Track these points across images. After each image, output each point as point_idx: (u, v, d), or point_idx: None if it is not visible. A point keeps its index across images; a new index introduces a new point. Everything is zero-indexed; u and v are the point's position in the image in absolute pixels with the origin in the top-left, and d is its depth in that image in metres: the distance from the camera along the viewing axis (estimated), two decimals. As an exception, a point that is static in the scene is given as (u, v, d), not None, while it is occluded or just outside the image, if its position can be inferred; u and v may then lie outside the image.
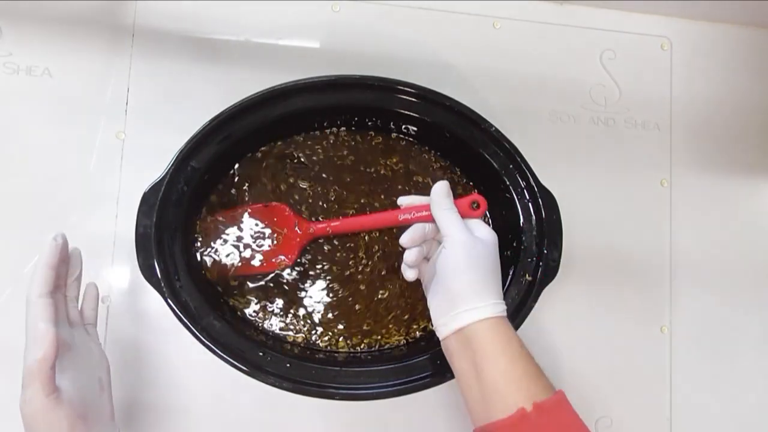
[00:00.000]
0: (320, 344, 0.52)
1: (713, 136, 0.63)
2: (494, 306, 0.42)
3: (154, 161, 0.54)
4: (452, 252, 0.43)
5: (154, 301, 0.52)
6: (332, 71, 0.52)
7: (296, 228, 0.51)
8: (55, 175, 0.53)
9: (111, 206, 0.53)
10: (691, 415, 0.59)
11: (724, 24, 0.65)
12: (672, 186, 0.62)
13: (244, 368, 0.45)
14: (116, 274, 0.53)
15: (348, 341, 0.52)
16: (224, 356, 0.45)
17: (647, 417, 0.59)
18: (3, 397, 0.50)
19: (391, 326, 0.53)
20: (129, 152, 0.54)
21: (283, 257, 0.51)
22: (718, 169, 0.63)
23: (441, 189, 0.46)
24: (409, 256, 0.46)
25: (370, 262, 0.53)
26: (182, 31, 0.56)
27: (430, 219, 0.46)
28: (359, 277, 0.53)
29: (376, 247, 0.54)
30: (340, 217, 0.51)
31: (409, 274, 0.47)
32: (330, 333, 0.52)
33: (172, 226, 0.48)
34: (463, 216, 0.46)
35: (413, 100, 0.52)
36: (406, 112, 0.52)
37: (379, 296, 0.53)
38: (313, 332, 0.52)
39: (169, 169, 0.47)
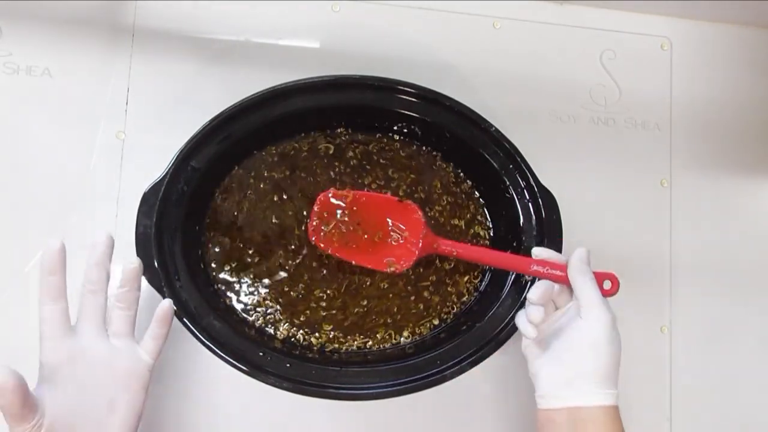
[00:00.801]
0: (320, 344, 0.51)
1: (713, 136, 0.63)
2: (615, 394, 0.42)
3: (154, 161, 0.54)
4: (594, 327, 0.42)
5: (154, 301, 0.52)
6: (332, 71, 0.52)
7: (421, 236, 0.50)
8: (55, 175, 0.53)
9: (111, 206, 0.53)
10: (691, 415, 0.59)
11: (724, 24, 0.65)
12: (672, 186, 0.62)
13: (244, 368, 0.45)
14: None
15: (348, 341, 0.52)
16: (224, 356, 0.45)
17: (647, 417, 0.59)
18: (3, 397, 0.50)
19: (390, 326, 0.53)
20: (129, 152, 0.54)
21: (392, 259, 0.50)
22: (718, 169, 0.63)
23: (583, 255, 0.45)
24: (536, 315, 0.44)
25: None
26: (182, 31, 0.56)
27: (562, 280, 0.46)
28: (360, 276, 0.53)
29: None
30: (470, 244, 0.51)
31: (530, 332, 0.45)
32: (331, 333, 0.52)
33: (172, 226, 0.48)
34: None
35: (413, 100, 0.52)
36: (407, 112, 0.52)
37: (380, 296, 0.53)
38: (313, 332, 0.52)
39: (169, 169, 0.47)
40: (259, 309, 0.51)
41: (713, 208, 0.62)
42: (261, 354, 0.46)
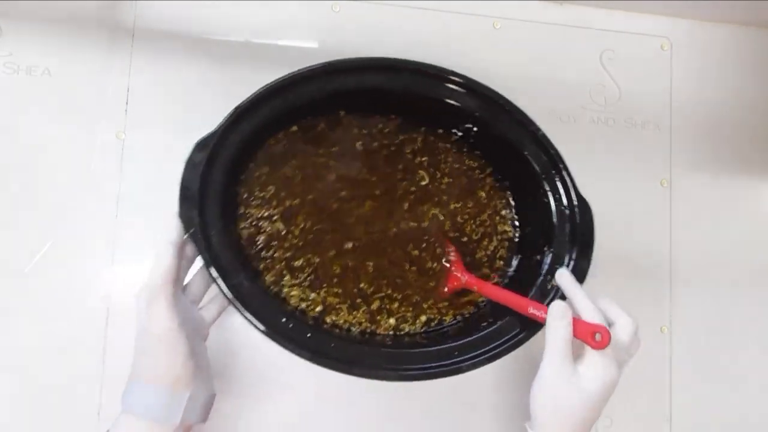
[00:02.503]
0: (341, 322, 0.51)
1: (713, 136, 0.63)
2: None
3: (154, 161, 0.54)
4: (536, 384, 0.42)
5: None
6: (332, 71, 0.52)
7: (457, 270, 0.52)
8: (55, 175, 0.53)
9: (111, 206, 0.53)
10: (691, 415, 0.59)
11: (724, 24, 0.65)
12: (672, 186, 0.62)
13: (264, 329, 0.44)
14: (116, 274, 0.53)
15: (376, 322, 0.51)
16: (248, 317, 0.44)
17: (647, 417, 0.59)
18: (4, 396, 0.50)
19: (412, 310, 0.52)
20: (129, 152, 0.54)
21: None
22: (718, 169, 0.63)
23: (556, 310, 0.43)
24: None
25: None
26: (182, 31, 0.56)
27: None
28: (393, 258, 0.52)
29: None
30: (481, 280, 0.51)
31: None
32: (355, 311, 0.51)
33: (216, 181, 0.47)
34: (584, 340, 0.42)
35: (462, 91, 0.51)
36: (454, 103, 0.52)
37: (409, 282, 0.52)
38: (335, 309, 0.51)
39: (223, 126, 0.46)
40: (286, 278, 0.50)
41: (713, 208, 0.62)
42: (284, 320, 0.45)
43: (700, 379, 0.60)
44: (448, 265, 0.52)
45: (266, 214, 0.51)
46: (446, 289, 0.51)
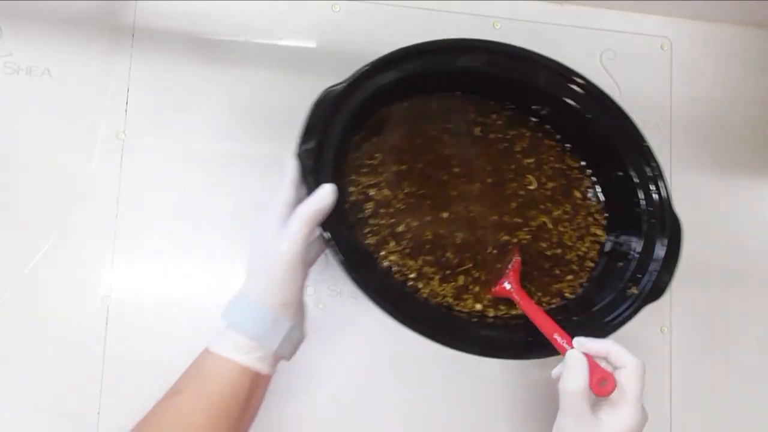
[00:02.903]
0: (428, 291, 0.50)
1: (713, 136, 0.63)
2: None
3: (154, 161, 0.54)
4: None
5: (155, 301, 0.53)
6: (332, 71, 0.52)
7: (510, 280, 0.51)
8: (55, 175, 0.53)
9: (111, 206, 0.53)
10: (691, 415, 0.59)
11: (724, 24, 0.65)
12: (672, 186, 0.62)
13: (357, 278, 0.43)
14: (116, 274, 0.53)
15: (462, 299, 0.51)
16: (337, 251, 0.43)
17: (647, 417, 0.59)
18: (4, 396, 0.50)
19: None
20: (129, 152, 0.54)
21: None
22: (718, 168, 0.63)
23: (573, 360, 0.42)
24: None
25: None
26: (182, 31, 0.56)
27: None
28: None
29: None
30: (527, 297, 0.50)
31: None
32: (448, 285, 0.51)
33: (335, 132, 0.47)
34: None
35: (581, 92, 0.53)
36: (571, 103, 0.53)
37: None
38: (424, 278, 0.50)
39: (352, 79, 0.47)
40: (391, 244, 0.50)
41: (713, 208, 0.62)
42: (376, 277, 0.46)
43: (700, 379, 0.60)
44: (507, 271, 0.51)
45: (373, 182, 0.51)
46: (494, 290, 0.51)
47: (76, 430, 0.50)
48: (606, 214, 0.55)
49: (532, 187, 0.54)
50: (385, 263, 0.49)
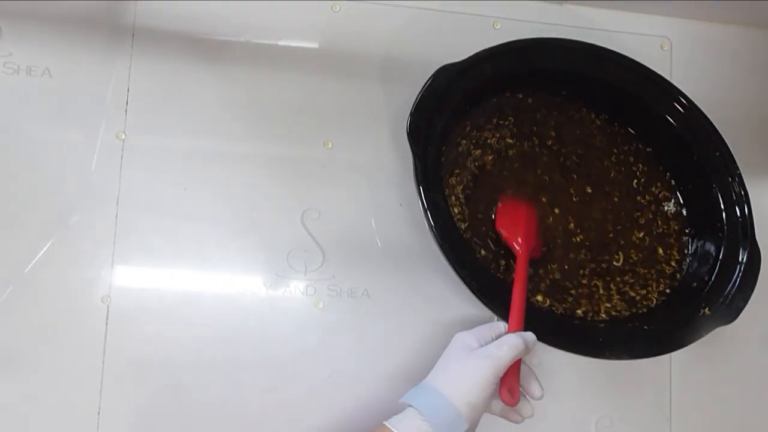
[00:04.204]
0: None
1: (713, 136, 0.63)
2: None
3: (154, 161, 0.54)
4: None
5: (155, 302, 0.53)
6: (332, 71, 0.52)
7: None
8: (55, 175, 0.53)
9: (111, 206, 0.53)
10: (691, 415, 0.59)
11: (724, 24, 0.65)
12: (672, 186, 0.62)
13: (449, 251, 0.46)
14: (116, 274, 0.53)
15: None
16: (435, 231, 0.45)
17: (647, 417, 0.59)
18: (4, 396, 0.50)
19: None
20: (129, 152, 0.54)
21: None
22: (718, 169, 0.63)
23: (512, 341, 0.45)
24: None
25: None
26: (182, 31, 0.56)
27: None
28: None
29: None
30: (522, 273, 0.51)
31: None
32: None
33: (447, 108, 0.49)
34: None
35: (680, 110, 0.55)
36: (671, 121, 0.55)
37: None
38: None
39: (467, 61, 0.50)
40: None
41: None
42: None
43: (700, 378, 0.60)
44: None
45: (479, 153, 0.54)
46: (505, 233, 0.52)
47: (76, 430, 0.50)
48: (687, 231, 0.57)
49: (649, 206, 0.57)
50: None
